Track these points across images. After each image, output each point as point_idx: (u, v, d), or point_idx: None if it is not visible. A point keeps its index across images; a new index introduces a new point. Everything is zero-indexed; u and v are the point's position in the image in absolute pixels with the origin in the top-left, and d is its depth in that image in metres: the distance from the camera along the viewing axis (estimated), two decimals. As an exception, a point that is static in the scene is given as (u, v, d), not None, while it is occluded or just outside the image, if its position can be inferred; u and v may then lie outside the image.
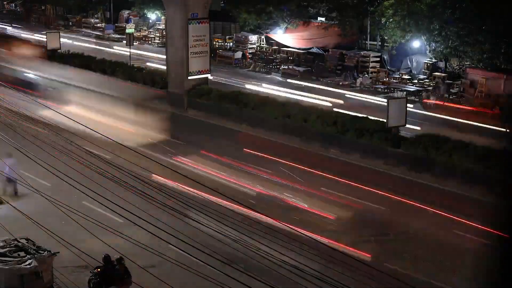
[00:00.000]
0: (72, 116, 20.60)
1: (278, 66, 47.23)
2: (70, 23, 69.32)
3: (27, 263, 13.80)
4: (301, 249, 15.59)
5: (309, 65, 45.66)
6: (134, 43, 48.55)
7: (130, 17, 66.03)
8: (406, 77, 41.82)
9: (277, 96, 35.16)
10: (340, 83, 41.47)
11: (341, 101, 36.13)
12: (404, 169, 25.94)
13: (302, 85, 40.91)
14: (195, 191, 18.60)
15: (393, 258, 18.98)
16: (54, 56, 44.68)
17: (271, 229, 16.74)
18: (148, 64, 45.66)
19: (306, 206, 22.64)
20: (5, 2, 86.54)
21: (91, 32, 64.73)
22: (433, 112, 34.89)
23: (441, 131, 27.69)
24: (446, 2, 39.24)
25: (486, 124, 31.10)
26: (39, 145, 20.95)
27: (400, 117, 27.09)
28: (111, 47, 55.59)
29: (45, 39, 45.56)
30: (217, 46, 52.86)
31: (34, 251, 14.15)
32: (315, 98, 36.14)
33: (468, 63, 40.28)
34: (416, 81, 40.72)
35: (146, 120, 32.74)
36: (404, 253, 19.68)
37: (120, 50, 51.95)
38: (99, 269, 15.65)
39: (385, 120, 27.09)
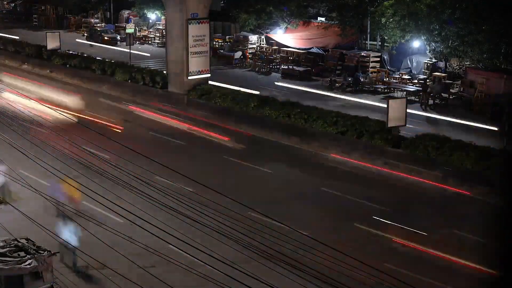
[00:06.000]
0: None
1: (278, 66, 47.26)
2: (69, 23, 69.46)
3: (27, 263, 13.78)
4: (300, 249, 15.60)
5: (309, 65, 45.70)
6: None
7: (130, 17, 66.09)
8: (406, 77, 41.82)
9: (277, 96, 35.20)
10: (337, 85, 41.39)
11: None
12: (404, 169, 25.95)
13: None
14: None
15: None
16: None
17: (272, 229, 16.74)
18: None
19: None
20: (5, 2, 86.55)
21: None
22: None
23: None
24: (445, 2, 39.24)
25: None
26: (39, 144, 20.99)
27: (400, 117, 27.11)
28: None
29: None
30: (217, 46, 52.89)
31: (34, 251, 14.13)
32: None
33: (468, 63, 40.27)
34: (416, 81, 40.72)
35: None
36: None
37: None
38: None
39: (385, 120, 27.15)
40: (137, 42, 56.79)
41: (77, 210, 17.47)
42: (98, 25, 64.40)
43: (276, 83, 42.46)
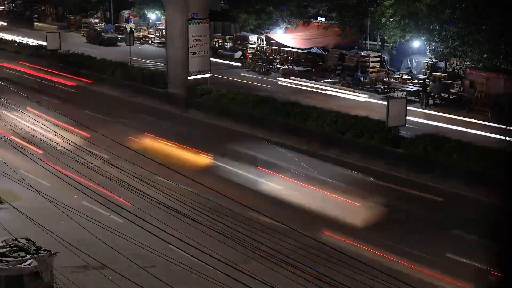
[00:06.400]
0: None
1: (278, 66, 47.24)
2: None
3: (27, 263, 13.76)
4: (301, 249, 15.58)
5: (309, 65, 45.69)
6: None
7: (130, 17, 66.10)
8: (406, 77, 41.81)
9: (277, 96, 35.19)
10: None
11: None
12: (404, 169, 25.94)
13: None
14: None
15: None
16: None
17: (271, 229, 16.74)
18: None
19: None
20: (5, 2, 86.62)
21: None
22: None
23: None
24: (445, 2, 39.23)
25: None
26: (38, 144, 20.99)
27: (400, 117, 27.11)
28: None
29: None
30: (217, 46, 52.89)
31: (34, 251, 14.11)
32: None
33: (468, 63, 40.26)
34: (416, 81, 40.71)
35: None
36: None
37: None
38: None
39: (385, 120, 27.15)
40: (137, 42, 56.80)
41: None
42: (98, 25, 64.42)
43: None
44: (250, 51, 50.71)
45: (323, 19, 51.01)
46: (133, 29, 59.26)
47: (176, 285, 14.04)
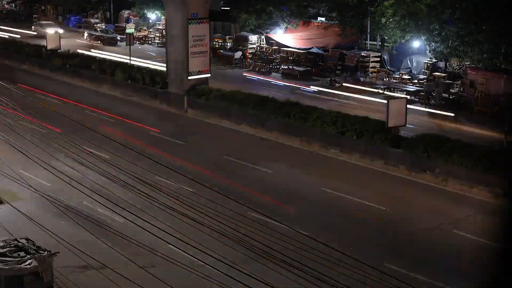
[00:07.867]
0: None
1: (278, 66, 47.23)
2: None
3: (27, 263, 13.77)
4: (300, 249, 15.57)
5: (309, 65, 45.69)
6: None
7: (130, 17, 66.10)
8: (406, 77, 41.81)
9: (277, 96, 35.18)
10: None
11: None
12: (404, 169, 25.94)
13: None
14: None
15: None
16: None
17: (271, 229, 16.74)
18: None
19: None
20: (4, 2, 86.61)
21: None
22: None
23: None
24: (445, 2, 39.22)
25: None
26: (39, 144, 20.99)
27: (400, 117, 27.09)
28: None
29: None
30: (217, 46, 52.87)
31: (34, 251, 14.12)
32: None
33: (468, 63, 40.26)
34: (416, 81, 40.72)
35: None
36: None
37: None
38: None
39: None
40: (137, 42, 56.76)
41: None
42: (98, 25, 64.41)
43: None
44: (250, 51, 50.71)
45: (323, 19, 51.01)
46: (127, 29, 58.58)
47: (176, 285, 14.03)
